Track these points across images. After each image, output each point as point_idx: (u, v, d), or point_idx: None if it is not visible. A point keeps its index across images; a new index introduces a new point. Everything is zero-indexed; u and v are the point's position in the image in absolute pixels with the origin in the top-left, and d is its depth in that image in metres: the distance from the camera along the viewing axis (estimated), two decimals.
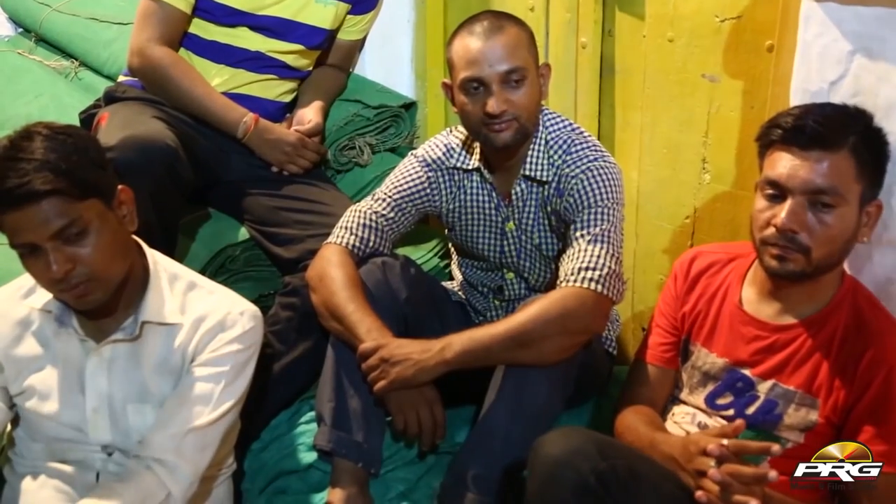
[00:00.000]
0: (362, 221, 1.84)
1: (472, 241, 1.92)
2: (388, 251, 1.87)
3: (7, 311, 1.54)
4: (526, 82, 1.69)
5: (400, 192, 1.88)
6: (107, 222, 1.42)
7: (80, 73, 2.82)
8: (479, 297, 1.99)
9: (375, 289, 1.76)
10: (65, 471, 1.52)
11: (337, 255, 1.80)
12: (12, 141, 1.38)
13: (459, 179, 1.88)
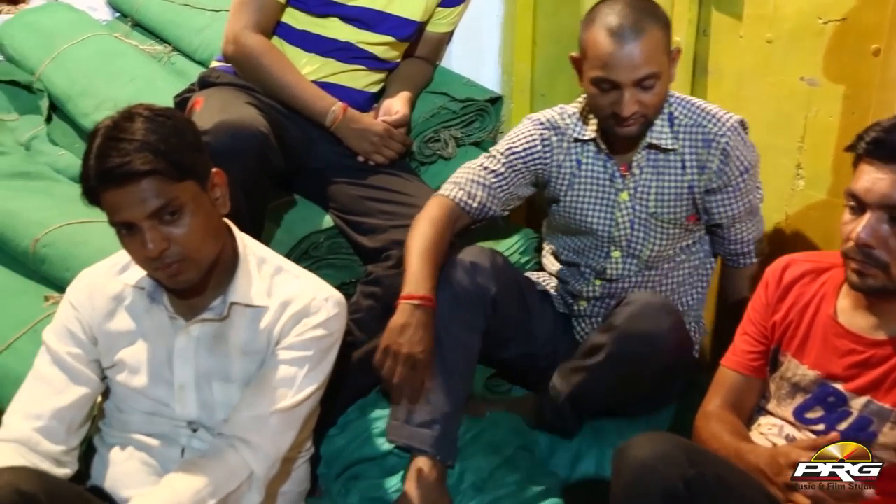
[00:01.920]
0: (472, 177, 1.87)
1: (580, 213, 1.89)
2: (497, 210, 1.89)
3: (102, 287, 1.58)
4: (658, 82, 1.68)
5: (513, 149, 1.88)
6: (201, 204, 1.45)
7: (172, 58, 2.88)
8: (579, 278, 1.95)
9: (462, 291, 1.78)
10: (151, 444, 1.55)
11: (438, 207, 1.85)
12: (115, 121, 1.42)
13: (573, 147, 1.87)
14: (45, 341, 1.57)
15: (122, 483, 1.54)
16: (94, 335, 1.56)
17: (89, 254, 2.02)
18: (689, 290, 1.94)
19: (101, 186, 1.39)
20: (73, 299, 1.58)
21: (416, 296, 1.71)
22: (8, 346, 1.93)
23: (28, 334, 1.95)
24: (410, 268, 1.74)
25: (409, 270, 1.74)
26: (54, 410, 1.51)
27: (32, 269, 2.16)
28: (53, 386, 1.53)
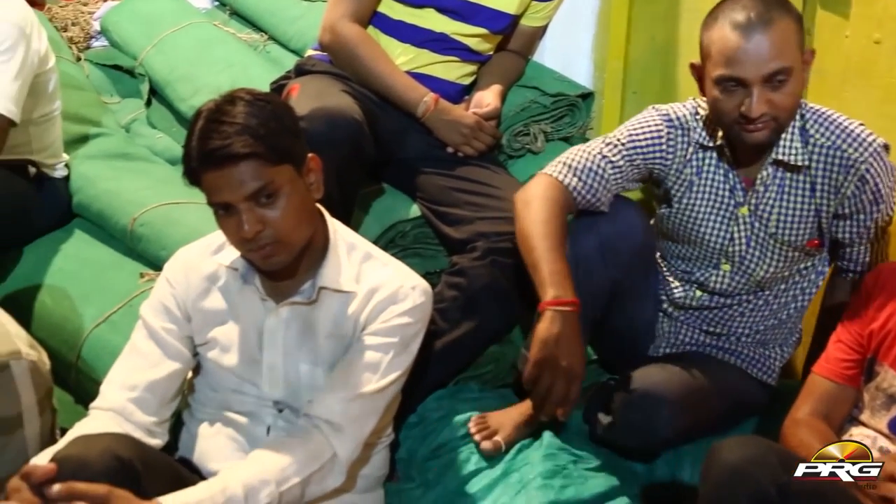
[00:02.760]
0: (589, 165, 1.75)
1: (693, 223, 1.80)
2: (604, 204, 1.76)
3: (197, 266, 1.62)
4: (791, 80, 1.58)
5: (635, 143, 1.77)
6: (296, 188, 1.48)
7: (267, 46, 2.94)
8: (677, 283, 1.88)
9: (587, 265, 1.71)
10: (238, 421, 1.59)
11: (552, 188, 1.72)
12: (217, 104, 1.45)
13: (696, 152, 1.78)
14: (143, 316, 1.62)
15: (209, 456, 1.58)
16: (189, 312, 1.61)
17: (183, 234, 2.09)
18: (793, 305, 1.86)
19: (201, 167, 1.43)
20: (170, 277, 1.63)
21: (565, 301, 1.59)
22: (105, 319, 2.01)
23: (124, 308, 2.02)
24: (545, 265, 1.61)
25: (545, 268, 1.61)
26: (148, 383, 1.55)
27: (129, 246, 2.23)
28: (148, 359, 1.58)
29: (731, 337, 1.87)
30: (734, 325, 1.87)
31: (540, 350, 1.57)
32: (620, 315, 1.86)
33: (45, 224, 2.31)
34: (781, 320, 1.87)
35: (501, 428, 1.84)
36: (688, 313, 1.89)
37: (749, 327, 1.86)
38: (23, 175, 2.22)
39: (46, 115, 2.25)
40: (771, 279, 1.80)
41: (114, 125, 2.70)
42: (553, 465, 1.76)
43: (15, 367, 1.45)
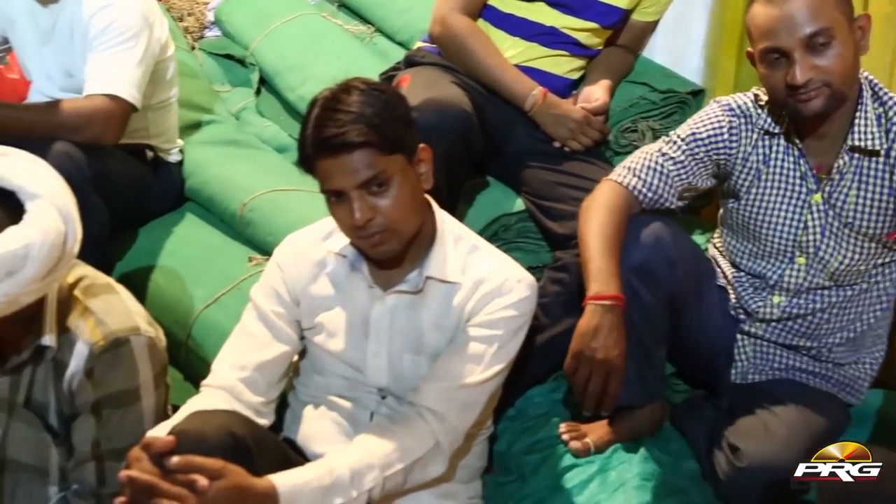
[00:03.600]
0: (649, 164, 1.75)
1: (764, 213, 1.75)
2: (672, 201, 1.77)
3: (307, 252, 1.65)
4: (835, 42, 1.54)
5: (696, 135, 1.75)
6: (407, 178, 1.49)
7: (374, 38, 2.97)
8: (753, 294, 1.82)
9: (629, 292, 1.68)
10: (343, 405, 1.62)
11: (612, 193, 1.74)
12: (333, 93, 1.48)
13: (762, 140, 1.74)
14: (253, 299, 1.66)
15: (313, 438, 1.62)
16: (297, 297, 1.64)
17: (291, 220, 2.13)
18: (878, 306, 1.79)
19: (316, 155, 1.46)
20: (280, 261, 1.66)
21: (607, 295, 1.61)
22: (215, 301, 2.07)
23: (233, 291, 2.07)
24: (593, 263, 1.65)
25: (593, 266, 1.65)
26: (257, 364, 1.59)
27: (238, 230, 2.29)
28: (258, 341, 1.62)
29: (823, 349, 1.80)
30: (822, 332, 1.79)
31: (578, 342, 1.60)
32: (686, 332, 1.83)
33: (160, 207, 2.39)
34: (870, 325, 1.79)
35: (592, 431, 1.83)
36: (769, 327, 1.81)
37: (837, 332, 1.79)
38: (141, 159, 2.30)
39: (164, 102, 2.33)
40: (846, 272, 1.73)
41: (225, 113, 2.77)
42: (653, 468, 1.75)
43: (135, 343, 1.50)
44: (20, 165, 1.38)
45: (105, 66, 2.06)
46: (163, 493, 1.23)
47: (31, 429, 1.53)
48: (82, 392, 1.49)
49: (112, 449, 1.50)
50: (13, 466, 1.55)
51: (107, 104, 2.04)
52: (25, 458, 1.54)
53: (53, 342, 1.48)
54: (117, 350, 1.48)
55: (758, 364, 1.84)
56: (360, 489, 1.37)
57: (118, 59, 2.06)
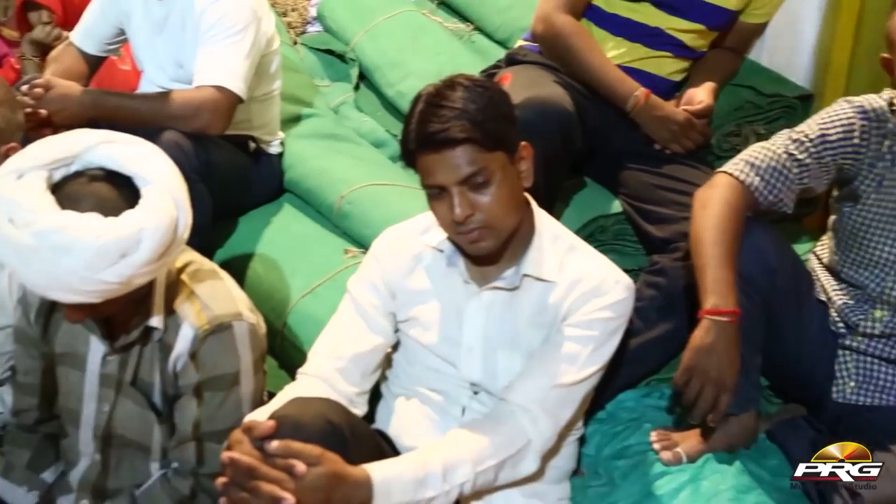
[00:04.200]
0: (773, 164, 1.68)
1: (879, 220, 1.69)
2: (788, 206, 1.70)
3: (405, 245, 1.67)
4: None
5: (826, 138, 1.68)
6: (508, 175, 1.49)
7: (472, 36, 2.98)
8: (855, 307, 1.75)
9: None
10: (435, 399, 1.63)
11: (732, 190, 1.67)
12: (437, 89, 1.48)
13: (893, 145, 1.67)
14: (350, 290, 1.68)
15: (404, 431, 1.63)
16: (393, 290, 1.65)
17: (387, 215, 2.15)
18: None
19: (418, 150, 1.47)
20: (378, 254, 1.68)
21: (724, 310, 1.57)
22: (311, 291, 2.11)
23: (329, 282, 2.11)
24: (710, 271, 1.59)
25: (709, 275, 1.59)
26: (353, 354, 1.61)
27: (335, 223, 2.33)
28: (353, 331, 1.64)
29: None
30: None
31: (691, 358, 1.58)
32: (783, 343, 1.77)
33: (260, 197, 2.44)
34: None
35: (684, 440, 1.80)
36: (872, 342, 1.74)
37: None
38: (243, 150, 2.36)
39: (268, 94, 2.38)
40: None
41: (324, 107, 2.82)
42: (748, 482, 1.70)
43: (237, 328, 1.54)
44: (137, 152, 1.44)
45: (214, 58, 2.11)
46: (262, 475, 1.26)
47: (137, 406, 1.58)
48: (186, 374, 1.54)
49: (212, 431, 1.55)
50: (119, 441, 1.61)
51: (215, 95, 2.10)
52: (130, 434, 1.60)
53: (161, 324, 1.53)
54: (220, 335, 1.52)
55: (861, 381, 1.77)
56: (452, 483, 1.38)
57: (227, 52, 2.12)
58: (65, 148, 1.40)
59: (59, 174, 1.40)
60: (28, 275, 1.36)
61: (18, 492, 1.66)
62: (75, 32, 2.40)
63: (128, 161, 1.41)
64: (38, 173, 1.37)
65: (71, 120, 2.04)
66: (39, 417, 1.70)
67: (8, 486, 1.66)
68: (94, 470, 1.63)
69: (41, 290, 1.38)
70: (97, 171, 1.41)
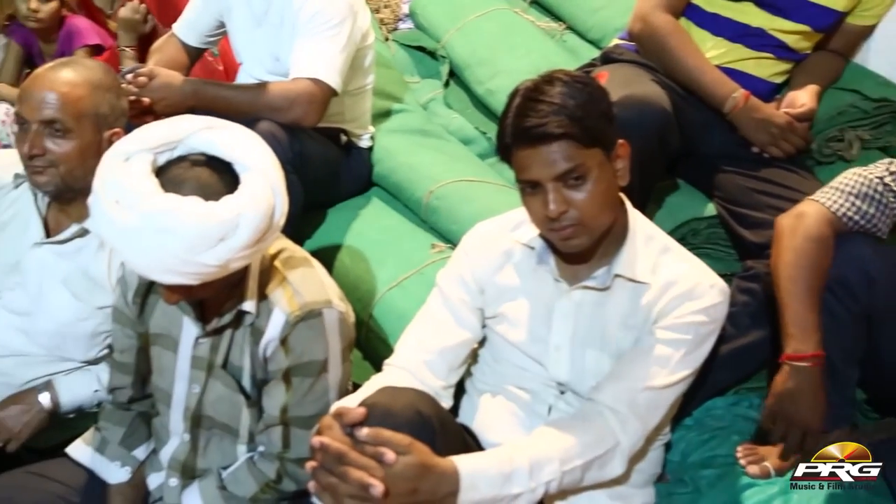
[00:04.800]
0: (866, 190, 1.64)
1: None
2: (884, 232, 1.65)
3: (495, 241, 1.66)
4: None
5: None
6: (604, 173, 1.47)
7: (564, 35, 2.95)
8: None
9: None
10: (521, 397, 1.62)
11: (821, 221, 1.63)
12: (535, 83, 1.47)
13: None
14: (439, 284, 1.68)
15: (489, 427, 1.62)
16: (482, 285, 1.65)
17: (475, 210, 2.15)
18: None
19: (514, 144, 1.46)
20: (468, 249, 1.68)
21: (805, 355, 1.57)
22: (398, 284, 2.12)
23: (415, 276, 2.12)
24: (791, 311, 1.58)
25: (790, 314, 1.58)
26: (440, 348, 1.62)
27: (422, 217, 2.34)
28: (441, 325, 1.64)
29: None
30: None
31: (775, 403, 1.60)
32: (885, 355, 1.70)
33: (349, 190, 2.47)
34: None
35: (772, 454, 1.74)
36: None
37: None
38: (335, 142, 2.38)
39: (360, 88, 2.40)
40: None
41: (414, 103, 2.83)
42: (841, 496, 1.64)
43: (327, 316, 1.55)
44: (238, 138, 1.46)
45: (311, 51, 2.14)
46: (351, 461, 1.26)
47: (227, 389, 1.61)
48: (275, 359, 1.56)
49: (298, 416, 1.57)
50: (208, 423, 1.64)
51: (310, 87, 2.12)
52: (219, 416, 1.63)
53: (253, 309, 1.55)
54: (311, 321, 1.54)
55: None
56: (539, 481, 1.36)
57: (323, 45, 2.14)
58: (169, 133, 1.43)
59: (163, 158, 1.43)
60: (131, 255, 1.39)
61: (112, 467, 1.71)
62: (177, 24, 2.46)
63: (229, 147, 1.44)
64: (144, 156, 1.41)
65: (171, 108, 2.09)
66: (133, 395, 1.75)
67: (102, 461, 1.71)
68: (184, 449, 1.66)
69: (142, 270, 1.41)
70: (199, 156, 1.44)
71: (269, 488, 1.61)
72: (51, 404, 1.86)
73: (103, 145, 1.80)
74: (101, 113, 1.80)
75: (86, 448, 1.74)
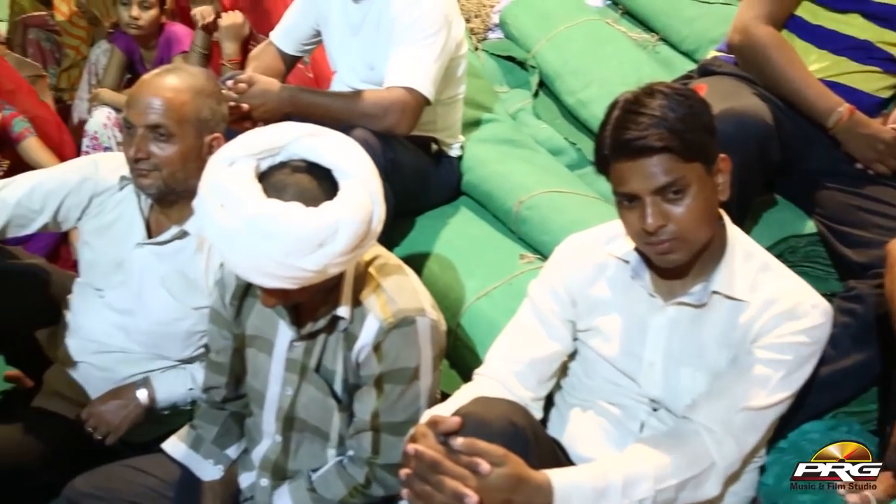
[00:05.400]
0: None
1: None
2: None
3: (589, 254, 1.65)
4: None
5: None
6: (704, 187, 1.44)
7: (657, 46, 2.92)
8: None
9: None
10: (611, 412, 1.60)
11: None
12: (636, 95, 1.46)
13: None
14: (530, 295, 1.68)
15: (579, 441, 1.60)
16: (575, 298, 1.63)
17: (566, 222, 2.14)
18: None
19: (613, 156, 1.45)
20: (561, 260, 1.67)
21: None
22: (486, 294, 2.11)
23: (504, 286, 2.11)
24: None
25: None
26: (530, 359, 1.61)
27: (511, 228, 2.33)
28: (532, 336, 1.63)
29: None
30: None
31: None
32: None
33: (438, 198, 2.48)
34: None
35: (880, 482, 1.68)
36: None
37: None
38: (426, 151, 2.40)
39: (452, 98, 2.41)
40: None
41: (503, 113, 2.83)
42: None
43: (420, 323, 1.56)
44: (339, 146, 1.48)
45: (406, 60, 2.16)
46: (446, 470, 1.26)
47: (319, 392, 1.63)
48: (368, 364, 1.57)
49: (389, 422, 1.58)
50: (300, 425, 1.66)
51: (404, 96, 2.14)
52: (311, 419, 1.65)
53: (348, 314, 1.57)
54: (404, 329, 1.55)
55: None
56: (632, 498, 1.34)
57: (419, 55, 2.16)
58: (273, 139, 1.46)
59: (266, 164, 1.46)
60: (233, 257, 1.43)
61: (205, 464, 1.75)
62: (275, 33, 2.51)
63: (329, 154, 1.46)
64: (248, 162, 1.44)
65: (269, 114, 2.14)
66: (227, 395, 1.78)
67: (196, 458, 1.75)
68: (276, 450, 1.69)
69: (243, 272, 1.44)
70: (300, 162, 1.47)
71: (357, 492, 1.62)
72: (147, 400, 1.93)
73: (204, 150, 1.85)
74: (203, 118, 1.85)
75: (181, 445, 1.78)
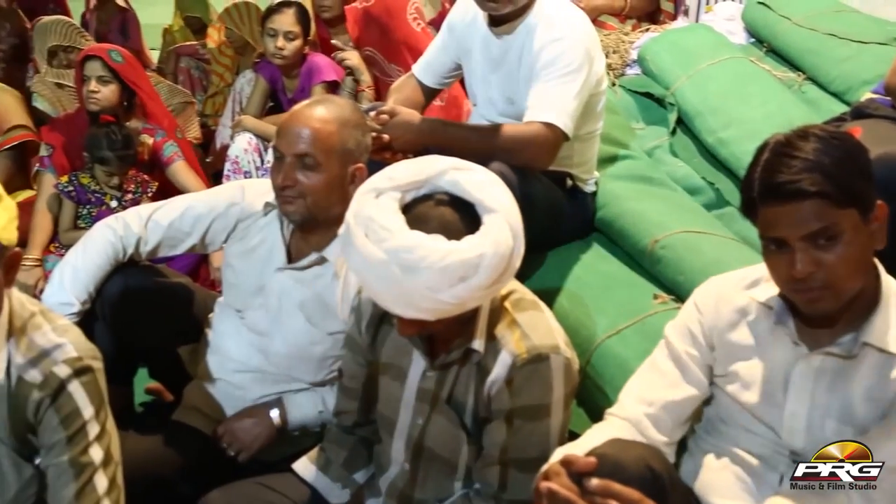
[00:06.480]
0: None
1: None
2: None
3: (729, 297, 1.60)
4: None
5: None
6: (858, 235, 1.39)
7: (804, 86, 2.84)
8: None
9: None
10: (748, 462, 1.54)
11: None
12: (788, 138, 1.42)
13: None
14: (667, 336, 1.64)
15: (713, 490, 1.55)
16: (713, 342, 1.59)
17: (703, 263, 2.09)
18: None
19: (762, 200, 1.40)
20: (700, 303, 1.63)
21: None
22: (617, 332, 2.08)
23: (636, 325, 2.08)
24: None
25: None
26: (665, 402, 1.57)
27: (645, 266, 2.30)
28: (667, 379, 1.60)
29: None
30: None
31: None
32: None
33: (570, 233, 2.47)
34: None
35: None
36: None
37: None
38: (560, 185, 2.39)
39: (590, 133, 2.40)
40: None
41: (638, 150, 2.81)
42: None
43: (553, 361, 1.55)
44: (482, 181, 1.50)
45: (547, 95, 2.17)
46: None
47: (449, 424, 1.64)
48: (499, 399, 1.57)
49: (518, 458, 1.57)
50: (428, 454, 1.68)
51: (543, 131, 2.15)
52: (440, 450, 1.66)
53: (481, 347, 1.57)
54: (537, 365, 1.54)
55: None
56: None
57: (559, 90, 2.16)
58: (419, 171, 1.49)
59: (410, 196, 1.50)
60: (375, 287, 1.46)
61: (334, 487, 1.78)
62: (417, 66, 2.57)
63: (473, 188, 1.48)
64: (393, 194, 1.47)
65: (408, 146, 2.18)
66: (357, 420, 1.81)
67: (324, 481, 1.79)
68: (403, 478, 1.71)
69: (384, 302, 1.47)
70: (443, 195, 1.49)
71: None
72: (280, 420, 1.98)
73: (347, 179, 1.91)
74: (348, 148, 1.90)
75: (310, 466, 1.82)
